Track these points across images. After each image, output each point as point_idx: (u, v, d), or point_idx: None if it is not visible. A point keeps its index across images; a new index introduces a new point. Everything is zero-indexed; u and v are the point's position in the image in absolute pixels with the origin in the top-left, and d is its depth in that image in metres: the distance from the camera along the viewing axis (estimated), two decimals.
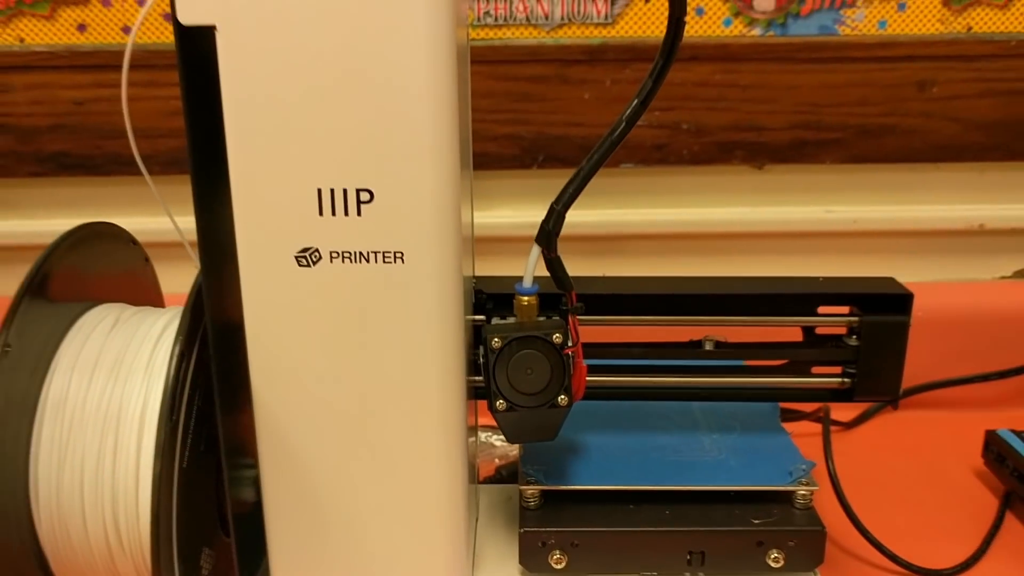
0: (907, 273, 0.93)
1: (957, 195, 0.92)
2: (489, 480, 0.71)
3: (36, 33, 0.83)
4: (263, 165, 0.43)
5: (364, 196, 0.43)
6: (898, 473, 0.82)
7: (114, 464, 0.48)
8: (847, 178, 0.91)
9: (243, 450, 0.51)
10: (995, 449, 0.78)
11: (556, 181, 0.52)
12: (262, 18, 0.41)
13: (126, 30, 0.82)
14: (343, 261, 0.44)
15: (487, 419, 0.56)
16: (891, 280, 0.57)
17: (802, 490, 0.53)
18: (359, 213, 0.43)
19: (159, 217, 0.78)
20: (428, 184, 0.43)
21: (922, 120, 0.88)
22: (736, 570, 0.52)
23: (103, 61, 0.83)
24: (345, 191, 0.43)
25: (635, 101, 0.48)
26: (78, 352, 0.50)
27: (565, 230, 0.54)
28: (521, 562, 0.53)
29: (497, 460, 0.76)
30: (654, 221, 0.91)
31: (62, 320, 0.51)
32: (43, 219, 0.88)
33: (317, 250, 0.44)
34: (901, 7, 0.85)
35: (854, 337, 0.57)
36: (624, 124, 0.49)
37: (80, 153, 0.86)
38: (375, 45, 0.41)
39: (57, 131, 0.85)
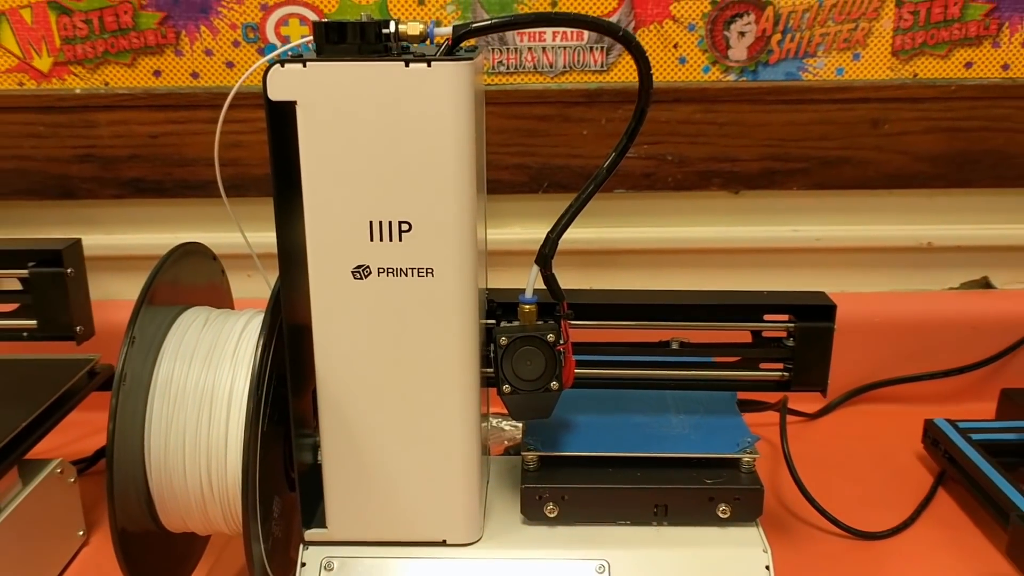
0: (865, 284, 1.06)
1: (907, 217, 1.04)
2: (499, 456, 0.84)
3: (119, 78, 0.97)
4: (329, 203, 0.57)
5: (404, 227, 0.57)
6: (850, 455, 0.95)
7: (208, 431, 0.62)
8: (811, 202, 1.03)
9: (306, 423, 0.64)
10: (932, 435, 0.91)
11: (559, 204, 0.64)
12: (330, 96, 0.55)
13: (195, 75, 0.96)
14: (387, 275, 0.58)
15: (497, 407, 0.69)
16: (821, 294, 0.70)
17: (746, 457, 0.66)
18: (400, 239, 0.57)
19: (216, 232, 0.91)
20: (452, 221, 0.56)
21: (875, 153, 1.00)
22: (692, 520, 0.65)
23: (174, 102, 0.96)
24: (391, 223, 0.57)
25: (613, 154, 0.62)
26: (179, 344, 0.64)
27: (568, 246, 0.64)
28: (522, 512, 0.65)
29: (506, 442, 0.90)
30: (644, 239, 1.03)
31: (166, 319, 0.65)
32: (121, 234, 1.02)
33: (368, 267, 0.58)
34: (856, 56, 0.97)
35: (791, 339, 0.69)
36: (605, 172, 0.62)
37: (153, 179, 0.99)
38: (415, 119, 0.55)
39: (134, 160, 0.99)
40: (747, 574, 0.62)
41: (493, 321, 0.67)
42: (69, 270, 0.68)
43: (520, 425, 0.83)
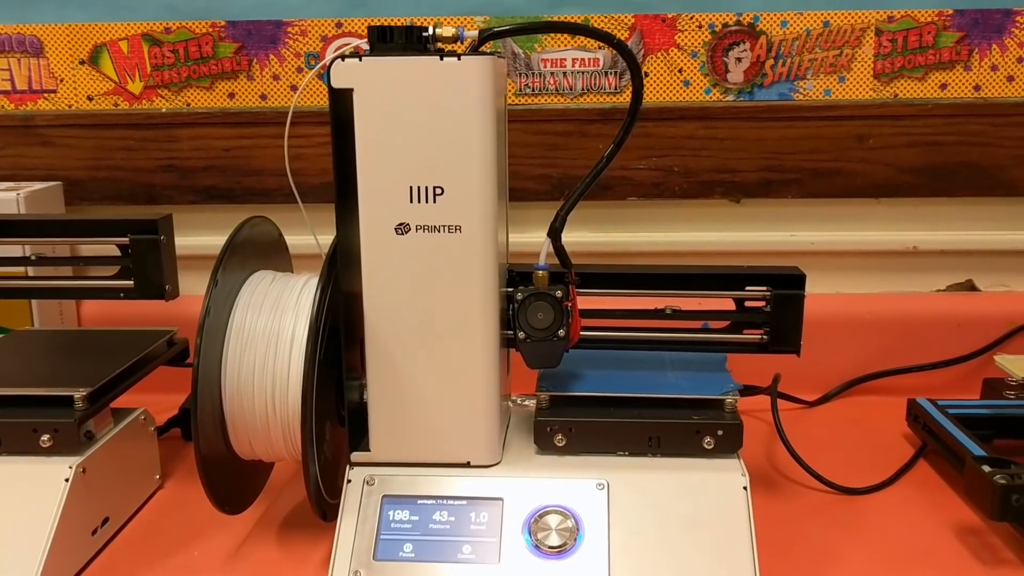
0: (856, 286, 1.16)
1: (894, 224, 1.13)
2: None
3: (199, 99, 1.12)
4: (378, 171, 0.69)
5: (438, 191, 0.69)
6: (843, 434, 1.04)
7: (274, 366, 0.74)
8: (805, 210, 1.13)
9: (354, 369, 0.76)
10: (914, 412, 1.00)
11: (578, 210, 0.75)
12: (380, 84, 0.68)
13: (263, 97, 1.12)
14: (424, 232, 0.70)
15: (519, 388, 0.77)
16: (794, 267, 0.80)
17: (729, 399, 0.75)
18: (435, 201, 0.69)
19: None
20: (477, 187, 0.69)
21: (861, 165, 1.11)
22: (681, 451, 0.74)
23: (245, 120, 1.11)
24: (427, 187, 0.69)
25: (612, 145, 0.74)
26: (250, 296, 0.77)
27: (586, 248, 0.72)
28: (535, 442, 0.76)
29: None
30: (653, 242, 1.14)
31: (240, 277, 0.78)
32: (195, 236, 1.13)
33: (408, 224, 0.70)
34: (841, 79, 1.10)
35: (768, 307, 0.80)
36: (605, 159, 0.74)
37: (225, 187, 1.14)
38: (448, 103, 0.67)
39: (209, 171, 1.13)
40: (728, 494, 0.72)
41: (512, 289, 0.77)
42: (162, 237, 0.82)
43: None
